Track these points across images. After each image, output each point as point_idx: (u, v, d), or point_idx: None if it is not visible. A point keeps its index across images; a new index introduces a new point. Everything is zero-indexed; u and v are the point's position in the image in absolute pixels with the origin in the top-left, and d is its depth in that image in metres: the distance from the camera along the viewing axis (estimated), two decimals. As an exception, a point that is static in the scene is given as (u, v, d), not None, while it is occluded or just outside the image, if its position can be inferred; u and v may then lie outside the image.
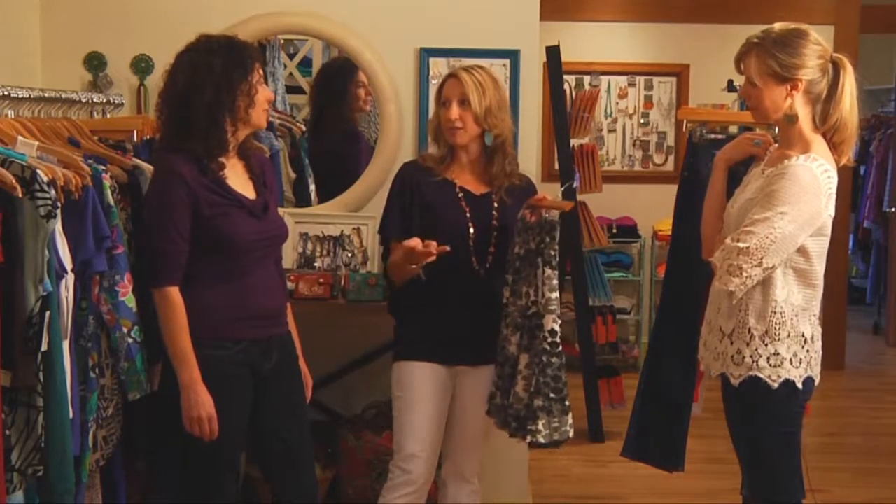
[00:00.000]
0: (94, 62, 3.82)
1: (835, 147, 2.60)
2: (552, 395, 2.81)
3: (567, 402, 2.85)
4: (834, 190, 2.53)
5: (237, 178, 2.73)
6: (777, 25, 2.60)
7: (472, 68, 3.01)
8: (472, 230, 2.96)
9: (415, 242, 2.81)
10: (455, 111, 2.95)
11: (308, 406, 2.98)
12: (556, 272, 2.82)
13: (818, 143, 2.57)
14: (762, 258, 2.47)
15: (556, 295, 2.81)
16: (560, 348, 2.83)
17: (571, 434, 2.87)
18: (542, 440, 2.82)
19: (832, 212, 2.55)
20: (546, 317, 2.80)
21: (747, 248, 2.47)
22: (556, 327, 2.81)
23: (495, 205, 2.99)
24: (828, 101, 2.58)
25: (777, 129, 2.73)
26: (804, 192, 2.47)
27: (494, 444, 3.27)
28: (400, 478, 2.97)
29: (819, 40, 2.58)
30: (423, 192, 3.00)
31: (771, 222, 2.46)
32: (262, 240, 2.73)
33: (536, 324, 2.82)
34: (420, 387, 2.97)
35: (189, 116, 2.60)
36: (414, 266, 2.86)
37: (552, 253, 2.81)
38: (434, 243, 2.80)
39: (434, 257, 2.80)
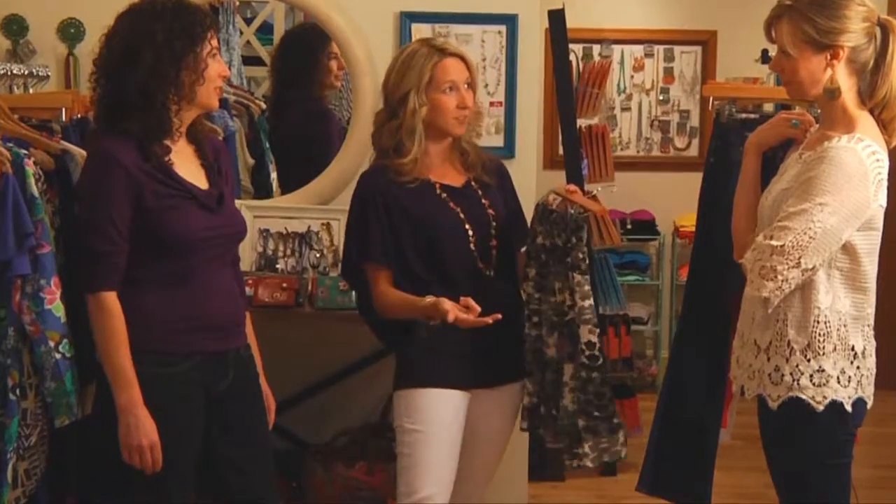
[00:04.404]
0: (14, 27, 3.81)
1: (884, 126, 2.60)
2: (597, 414, 2.95)
3: (616, 420, 2.98)
4: (885, 176, 2.53)
5: (186, 166, 2.72)
6: None
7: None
8: (469, 231, 2.99)
9: (450, 306, 2.78)
10: (471, 97, 3.01)
11: (270, 432, 2.98)
12: (587, 278, 2.90)
13: (865, 122, 2.57)
14: (800, 258, 2.47)
15: (589, 303, 2.90)
16: (600, 361, 2.93)
17: (625, 454, 3.02)
18: (589, 464, 3.00)
19: (883, 202, 2.54)
20: (581, 328, 2.90)
21: (782, 246, 2.47)
22: (594, 339, 2.91)
23: (479, 192, 3.04)
24: (875, 72, 2.58)
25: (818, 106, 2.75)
26: (848, 178, 2.47)
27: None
28: None
29: (864, 0, 2.58)
30: (403, 204, 2.97)
31: (809, 215, 2.46)
32: (217, 237, 2.73)
33: (573, 332, 2.92)
34: (441, 419, 2.95)
35: (124, 91, 2.60)
36: (433, 322, 2.87)
37: (580, 256, 2.88)
38: (476, 307, 2.78)
39: (489, 322, 2.79)
